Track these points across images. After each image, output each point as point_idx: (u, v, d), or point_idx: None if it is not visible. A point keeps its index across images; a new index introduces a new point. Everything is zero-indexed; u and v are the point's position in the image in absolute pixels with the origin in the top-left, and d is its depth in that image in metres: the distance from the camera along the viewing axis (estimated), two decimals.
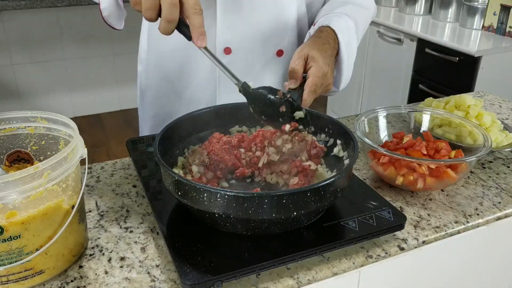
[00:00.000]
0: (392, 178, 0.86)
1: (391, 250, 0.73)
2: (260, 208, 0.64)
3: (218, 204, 0.64)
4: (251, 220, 0.65)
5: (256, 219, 0.65)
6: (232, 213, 0.64)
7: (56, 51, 3.40)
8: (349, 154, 0.80)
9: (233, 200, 0.64)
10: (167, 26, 0.70)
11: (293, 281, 0.67)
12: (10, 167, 0.74)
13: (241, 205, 0.64)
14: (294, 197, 0.64)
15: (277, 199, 0.64)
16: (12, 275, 0.62)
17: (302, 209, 0.65)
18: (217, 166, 0.81)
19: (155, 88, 1.15)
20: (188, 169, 0.80)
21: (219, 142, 0.83)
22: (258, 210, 0.64)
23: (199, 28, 0.70)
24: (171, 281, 0.66)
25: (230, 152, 0.83)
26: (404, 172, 0.84)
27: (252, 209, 0.64)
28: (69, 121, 0.71)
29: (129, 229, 0.76)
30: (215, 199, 0.64)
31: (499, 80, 2.38)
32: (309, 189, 0.65)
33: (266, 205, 0.64)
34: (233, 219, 0.66)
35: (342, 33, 0.99)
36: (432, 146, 0.88)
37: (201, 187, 0.65)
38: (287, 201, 0.64)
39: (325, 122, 0.87)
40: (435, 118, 1.05)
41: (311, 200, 0.66)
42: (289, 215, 0.65)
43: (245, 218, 0.65)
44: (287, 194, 0.64)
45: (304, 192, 0.65)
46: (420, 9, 2.96)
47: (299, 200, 0.65)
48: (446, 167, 0.83)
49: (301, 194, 0.65)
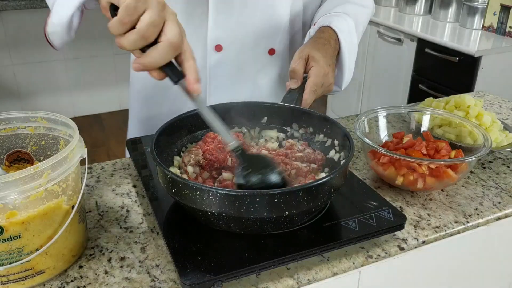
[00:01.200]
0: (392, 178, 0.86)
1: (391, 250, 0.73)
2: (252, 206, 0.64)
3: (211, 202, 0.64)
4: (243, 219, 0.65)
5: (248, 217, 0.65)
6: (224, 211, 0.64)
7: (56, 51, 3.39)
8: (345, 154, 0.80)
9: (225, 198, 0.64)
10: (138, 41, 0.61)
11: (293, 281, 0.67)
12: (10, 167, 0.74)
13: (233, 204, 0.64)
14: (286, 196, 0.64)
15: (268, 198, 0.64)
16: (12, 275, 0.62)
17: (294, 208, 0.65)
18: (212, 166, 0.80)
19: (143, 87, 1.14)
20: (184, 169, 0.80)
21: (214, 142, 0.83)
22: (249, 208, 0.64)
23: (196, 73, 0.66)
24: (171, 281, 0.66)
25: (225, 152, 0.82)
26: (404, 172, 0.84)
27: (244, 208, 0.64)
28: (69, 121, 0.71)
29: (129, 229, 0.76)
30: (208, 197, 0.64)
31: (499, 80, 2.38)
32: (301, 188, 0.65)
33: (258, 203, 0.64)
34: (226, 218, 0.66)
35: (343, 33, 0.99)
36: (432, 146, 0.88)
37: (193, 185, 0.65)
38: (278, 200, 0.64)
39: (322, 122, 0.86)
40: (435, 118, 1.05)
41: (303, 200, 0.65)
42: (281, 214, 0.65)
43: (237, 217, 0.65)
44: (279, 193, 0.64)
45: (296, 192, 0.65)
46: (420, 9, 2.96)
47: (291, 199, 0.64)
48: (446, 167, 0.83)
49: (293, 193, 0.65)
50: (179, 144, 0.85)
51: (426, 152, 0.87)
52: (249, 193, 0.64)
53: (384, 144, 0.94)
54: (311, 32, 1.02)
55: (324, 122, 0.86)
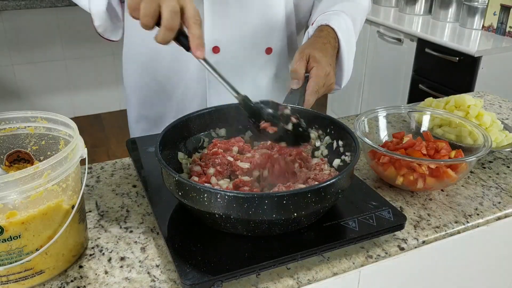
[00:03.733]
0: (392, 178, 0.86)
1: (391, 250, 0.73)
2: (260, 208, 0.63)
3: (218, 204, 0.64)
4: (251, 221, 0.65)
5: (257, 219, 0.65)
6: (232, 213, 0.64)
7: (56, 51, 3.40)
8: (351, 155, 0.80)
9: (233, 200, 0.64)
10: (167, 35, 0.69)
11: (293, 281, 0.67)
12: (10, 167, 0.74)
13: (241, 206, 0.64)
14: (295, 198, 0.64)
15: (277, 200, 0.64)
16: (12, 275, 0.62)
17: (303, 210, 0.65)
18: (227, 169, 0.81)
19: (144, 89, 1.15)
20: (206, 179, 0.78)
21: (219, 148, 0.84)
22: (258, 210, 0.64)
23: (198, 39, 0.70)
24: (171, 281, 0.66)
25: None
26: (404, 172, 0.84)
27: (252, 210, 0.64)
28: (69, 121, 0.71)
29: (129, 229, 0.76)
30: (215, 200, 0.64)
31: (499, 80, 2.38)
32: (309, 190, 0.65)
33: (266, 205, 0.64)
34: (234, 220, 0.66)
35: (341, 31, 0.99)
36: (432, 146, 0.88)
37: (201, 188, 0.65)
38: (287, 202, 0.64)
39: (326, 122, 0.86)
40: (435, 118, 1.05)
41: (311, 201, 0.65)
42: (290, 216, 0.65)
43: (245, 219, 0.65)
44: (288, 195, 0.64)
45: (304, 193, 0.65)
46: (420, 9, 2.96)
47: (300, 201, 0.65)
48: (446, 167, 0.83)
49: (302, 195, 0.65)
50: (182, 145, 0.85)
51: (426, 152, 0.87)
52: (257, 195, 0.64)
53: (384, 144, 0.94)
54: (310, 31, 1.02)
55: (326, 122, 0.86)
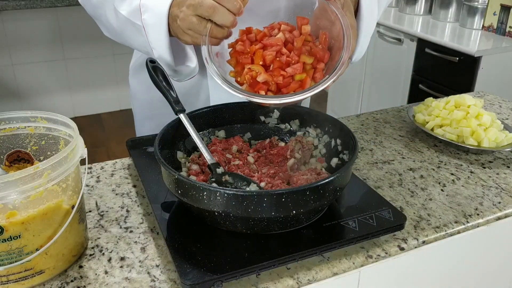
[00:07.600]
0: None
1: (391, 250, 0.73)
2: (260, 206, 0.64)
3: (218, 202, 0.65)
4: (251, 219, 0.65)
5: (256, 217, 0.65)
6: (231, 211, 0.65)
7: (56, 51, 3.40)
8: (349, 153, 0.80)
9: (232, 198, 0.64)
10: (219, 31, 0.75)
11: (293, 281, 0.67)
12: (10, 167, 0.74)
13: (240, 204, 0.64)
14: (293, 196, 0.64)
15: (276, 198, 0.64)
16: (12, 275, 0.62)
17: (302, 207, 0.66)
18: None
19: (146, 89, 1.15)
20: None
21: (218, 146, 0.84)
22: (257, 208, 0.64)
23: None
24: (171, 281, 0.66)
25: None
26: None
27: (251, 208, 0.64)
28: (69, 121, 0.71)
29: (129, 229, 0.76)
30: (215, 198, 0.64)
31: (499, 80, 2.38)
32: (308, 187, 0.65)
33: (265, 203, 0.64)
34: (233, 218, 0.66)
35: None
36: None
37: (200, 186, 0.65)
38: (286, 200, 0.64)
39: (325, 121, 0.87)
40: (435, 118, 1.05)
41: (310, 199, 0.66)
42: (289, 213, 0.65)
43: (244, 217, 0.65)
44: (286, 192, 0.64)
45: (303, 191, 0.65)
46: (420, 9, 2.96)
47: (298, 198, 0.65)
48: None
49: (300, 192, 0.65)
50: (182, 144, 0.85)
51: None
52: (256, 193, 0.64)
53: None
54: None
55: (326, 121, 0.87)
